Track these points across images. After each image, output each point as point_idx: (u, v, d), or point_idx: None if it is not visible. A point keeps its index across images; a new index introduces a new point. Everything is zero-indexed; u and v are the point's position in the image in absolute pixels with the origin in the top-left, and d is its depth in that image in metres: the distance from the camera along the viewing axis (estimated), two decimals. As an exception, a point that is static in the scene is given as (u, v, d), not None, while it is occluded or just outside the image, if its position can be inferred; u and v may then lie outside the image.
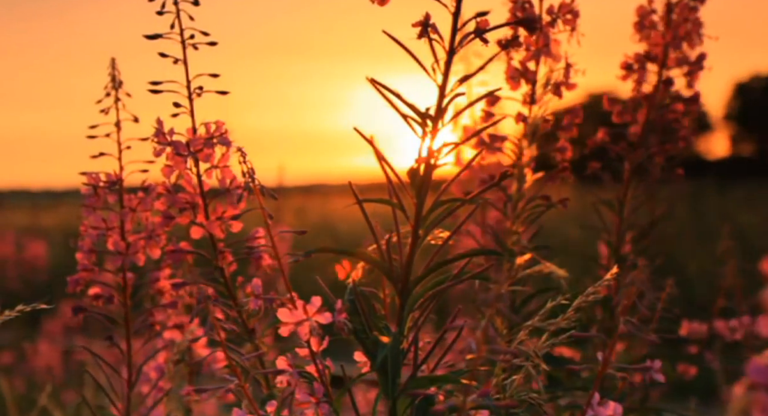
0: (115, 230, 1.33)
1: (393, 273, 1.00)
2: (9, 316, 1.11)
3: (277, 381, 1.04)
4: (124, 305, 1.38)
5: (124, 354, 1.39)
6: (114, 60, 1.39)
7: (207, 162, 1.27)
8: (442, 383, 1.02)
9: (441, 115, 0.96)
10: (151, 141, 1.27)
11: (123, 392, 1.40)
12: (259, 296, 1.06)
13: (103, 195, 1.34)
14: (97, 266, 1.36)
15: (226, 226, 1.27)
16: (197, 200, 1.26)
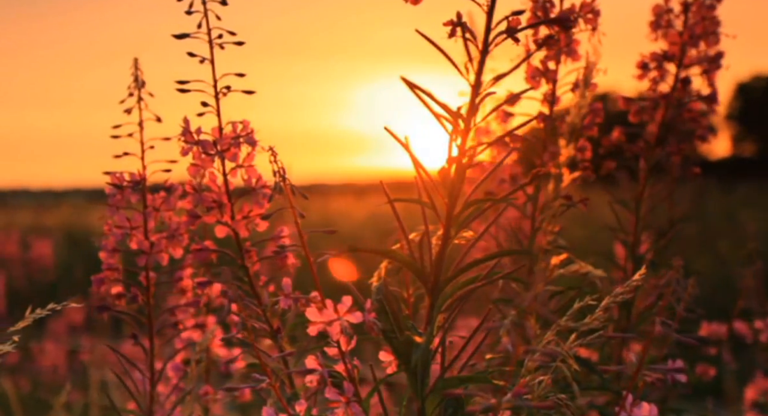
0: (139, 230, 1.33)
1: (423, 273, 1.00)
2: (40, 314, 1.11)
3: (307, 381, 1.05)
4: (147, 304, 1.38)
5: (147, 353, 1.39)
6: (137, 60, 1.40)
7: (233, 161, 1.27)
8: (472, 383, 1.02)
9: (474, 114, 0.96)
10: (178, 140, 1.27)
11: (145, 391, 1.41)
12: (289, 296, 1.07)
13: (126, 195, 1.34)
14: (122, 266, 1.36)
15: (252, 225, 1.28)
16: (223, 199, 1.26)
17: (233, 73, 1.30)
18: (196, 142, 1.27)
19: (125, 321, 1.41)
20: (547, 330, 0.91)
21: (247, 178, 1.28)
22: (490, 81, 0.97)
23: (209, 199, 1.26)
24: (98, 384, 3.57)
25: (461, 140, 0.96)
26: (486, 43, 0.96)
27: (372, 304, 1.05)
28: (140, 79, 1.39)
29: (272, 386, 1.05)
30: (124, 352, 3.74)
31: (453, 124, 0.97)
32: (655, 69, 1.49)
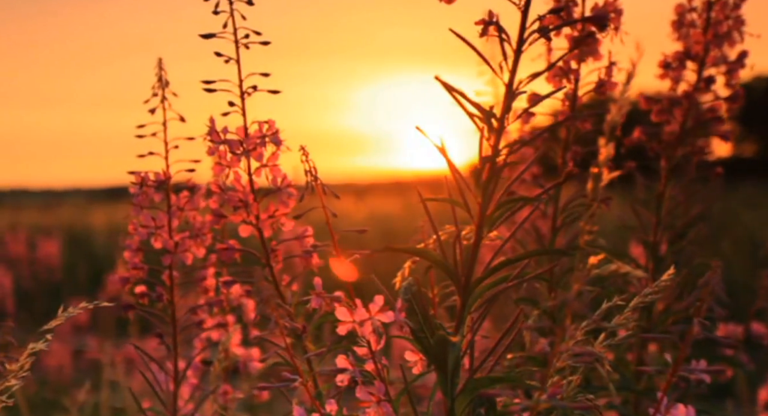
0: (164, 229, 1.34)
1: (455, 273, 1.01)
2: (71, 313, 1.11)
3: (338, 380, 1.05)
4: (171, 303, 1.38)
5: (171, 352, 1.40)
6: (161, 60, 1.40)
7: (258, 161, 1.28)
8: (503, 383, 1.02)
9: (507, 113, 0.96)
10: (203, 140, 1.28)
11: (168, 390, 1.41)
12: (320, 295, 1.07)
13: (150, 194, 1.35)
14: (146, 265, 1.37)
15: (278, 225, 1.28)
16: (249, 198, 1.27)
17: (258, 73, 1.30)
18: (222, 141, 1.27)
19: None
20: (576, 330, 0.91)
21: (272, 177, 1.29)
22: (525, 80, 0.97)
23: (236, 198, 1.26)
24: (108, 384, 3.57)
25: (495, 140, 0.96)
26: (520, 42, 0.96)
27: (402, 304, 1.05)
28: (164, 78, 1.39)
29: (305, 385, 1.05)
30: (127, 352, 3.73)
31: (485, 123, 0.97)
32: (678, 68, 1.49)
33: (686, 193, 1.53)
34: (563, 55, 1.03)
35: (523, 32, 0.96)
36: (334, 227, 1.25)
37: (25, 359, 1.07)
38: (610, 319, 1.03)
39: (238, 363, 1.69)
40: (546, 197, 1.22)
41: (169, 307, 1.39)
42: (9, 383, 1.05)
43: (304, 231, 1.32)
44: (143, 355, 1.37)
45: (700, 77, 1.49)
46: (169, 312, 1.39)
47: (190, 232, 1.37)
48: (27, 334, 4.58)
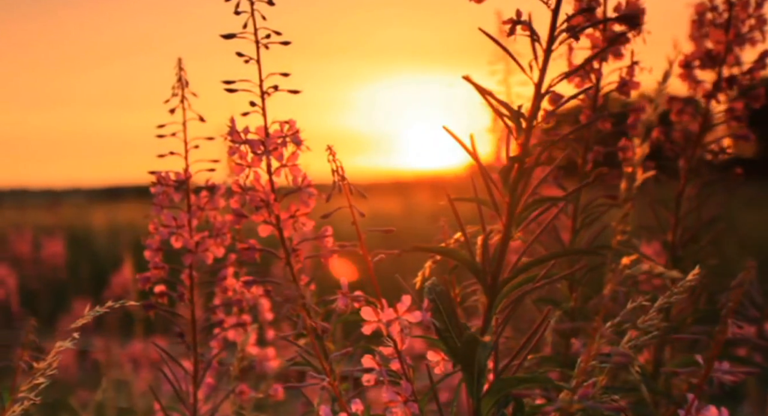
0: (185, 229, 1.34)
1: (483, 273, 1.00)
2: (98, 312, 1.11)
3: (364, 380, 1.05)
4: (191, 303, 1.38)
5: (191, 352, 1.39)
6: (180, 60, 1.40)
7: (278, 161, 1.27)
8: (530, 384, 1.02)
9: (537, 113, 0.96)
10: (224, 140, 1.28)
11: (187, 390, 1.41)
12: (346, 295, 1.07)
13: (171, 193, 1.35)
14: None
15: (299, 225, 1.28)
16: (270, 198, 1.26)
17: (278, 73, 1.30)
18: (243, 141, 1.27)
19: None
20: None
21: (293, 177, 1.28)
22: (555, 79, 0.97)
23: (257, 198, 1.26)
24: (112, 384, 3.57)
25: (524, 139, 0.96)
26: (550, 42, 0.96)
27: (427, 304, 1.05)
28: (184, 78, 1.39)
29: (333, 384, 1.05)
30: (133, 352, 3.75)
31: (514, 123, 0.97)
32: (698, 68, 1.48)
33: (705, 193, 1.52)
34: (596, 54, 1.03)
35: (553, 31, 0.96)
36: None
37: (53, 357, 1.07)
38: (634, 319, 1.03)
39: (253, 363, 1.69)
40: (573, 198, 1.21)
41: (189, 306, 1.38)
42: (37, 381, 1.05)
43: (324, 231, 1.32)
44: (163, 355, 1.36)
45: (720, 77, 1.49)
46: (189, 312, 1.39)
47: (209, 231, 1.37)
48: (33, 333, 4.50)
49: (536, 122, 0.96)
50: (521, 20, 0.99)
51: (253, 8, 1.28)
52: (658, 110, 1.00)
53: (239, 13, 1.27)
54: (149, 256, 1.35)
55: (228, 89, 1.28)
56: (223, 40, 1.29)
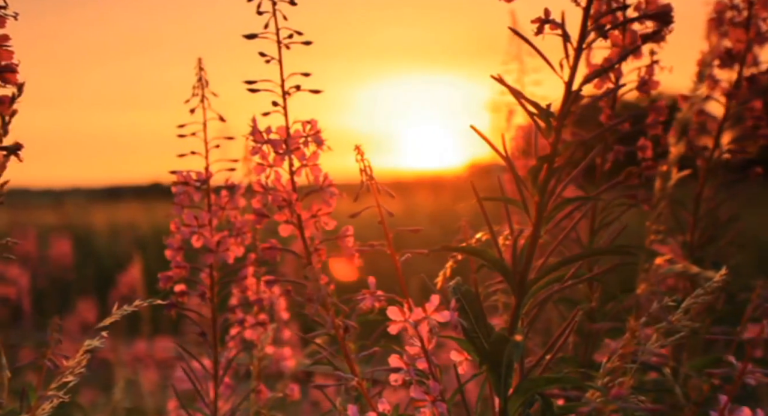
0: (206, 228, 1.34)
1: (512, 273, 1.00)
2: (127, 311, 1.11)
3: (392, 380, 1.05)
4: (212, 302, 1.38)
5: (212, 351, 1.40)
6: (200, 60, 1.40)
7: (300, 161, 1.28)
8: (558, 384, 1.02)
9: (567, 111, 0.96)
10: (246, 139, 1.28)
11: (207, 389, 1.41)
12: (373, 294, 1.07)
13: (192, 193, 1.35)
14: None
15: (320, 224, 1.28)
16: (293, 197, 1.26)
17: (300, 73, 1.30)
18: (265, 141, 1.27)
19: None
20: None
21: (315, 176, 1.28)
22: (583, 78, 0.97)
23: (280, 198, 1.26)
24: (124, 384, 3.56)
25: (554, 139, 0.96)
26: (581, 41, 0.96)
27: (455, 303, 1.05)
28: (204, 78, 1.39)
29: (360, 384, 1.05)
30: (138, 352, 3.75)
31: (544, 122, 0.97)
32: (718, 67, 1.48)
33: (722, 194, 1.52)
34: (627, 52, 1.03)
35: (585, 30, 0.96)
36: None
37: (82, 355, 1.07)
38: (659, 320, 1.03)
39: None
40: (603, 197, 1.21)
41: (209, 306, 1.38)
42: (66, 379, 1.06)
43: (345, 231, 1.32)
44: (184, 354, 1.36)
45: (740, 76, 1.48)
46: (209, 311, 1.39)
47: (229, 231, 1.37)
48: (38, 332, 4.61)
49: (567, 120, 0.96)
50: (549, 19, 0.99)
51: (274, 8, 1.28)
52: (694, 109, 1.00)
53: (261, 13, 1.28)
54: (170, 255, 1.35)
55: (250, 89, 1.28)
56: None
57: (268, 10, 1.28)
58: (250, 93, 1.31)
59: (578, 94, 1.27)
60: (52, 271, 4.83)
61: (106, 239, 9.49)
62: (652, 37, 0.99)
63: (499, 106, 2.24)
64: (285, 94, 1.30)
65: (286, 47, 1.30)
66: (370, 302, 1.06)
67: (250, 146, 1.27)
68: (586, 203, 0.98)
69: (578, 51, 0.96)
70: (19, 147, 1.00)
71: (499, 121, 2.25)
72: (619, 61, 1.03)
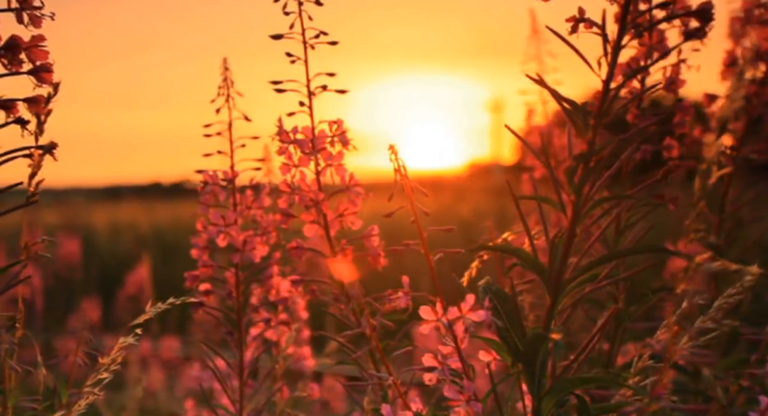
0: (233, 227, 1.33)
1: (548, 273, 1.00)
2: (160, 308, 1.11)
3: (426, 379, 1.04)
4: (238, 301, 1.38)
5: (237, 351, 1.39)
6: (225, 60, 1.40)
7: (326, 161, 1.27)
8: (594, 384, 1.02)
9: (605, 110, 0.96)
10: (272, 139, 1.27)
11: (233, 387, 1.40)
12: (408, 294, 1.06)
13: (217, 192, 1.35)
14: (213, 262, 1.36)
15: (347, 224, 1.28)
16: (320, 197, 1.26)
17: (325, 73, 1.30)
18: (292, 141, 1.27)
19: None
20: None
21: (341, 176, 1.28)
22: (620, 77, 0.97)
23: (307, 198, 1.26)
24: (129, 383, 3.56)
25: (591, 137, 0.96)
26: (619, 39, 0.96)
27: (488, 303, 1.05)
28: (229, 78, 1.39)
29: (395, 383, 1.05)
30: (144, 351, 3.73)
31: (580, 121, 0.96)
32: (744, 66, 1.48)
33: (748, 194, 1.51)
34: (674, 47, 1.02)
35: (623, 29, 0.95)
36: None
37: (117, 353, 1.07)
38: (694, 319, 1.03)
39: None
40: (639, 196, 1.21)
41: (235, 305, 1.38)
42: (102, 375, 1.06)
43: (370, 230, 1.32)
44: (209, 352, 1.36)
45: (766, 75, 1.48)
46: (235, 310, 1.39)
47: (254, 230, 1.36)
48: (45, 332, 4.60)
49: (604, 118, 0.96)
50: (584, 18, 0.99)
51: (300, 9, 1.28)
52: (734, 106, 1.00)
53: (288, 13, 1.28)
54: (197, 254, 1.35)
55: (276, 89, 1.28)
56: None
57: (294, 10, 1.28)
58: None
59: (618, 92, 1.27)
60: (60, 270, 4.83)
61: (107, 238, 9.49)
62: (695, 35, 0.98)
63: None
64: (311, 95, 1.30)
65: (311, 47, 1.30)
66: (405, 302, 1.05)
67: (277, 146, 1.27)
68: (622, 202, 0.98)
69: (616, 49, 0.96)
70: (54, 146, 1.00)
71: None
72: (660, 59, 1.02)
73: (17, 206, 1.05)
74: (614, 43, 0.95)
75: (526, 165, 2.17)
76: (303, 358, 1.73)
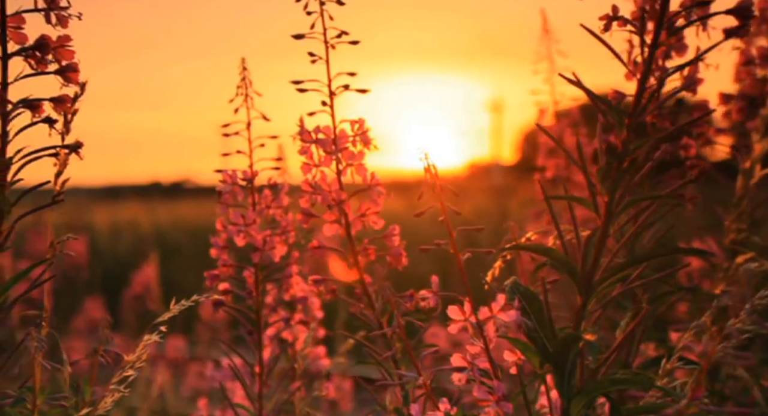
0: (253, 227, 1.33)
1: (579, 273, 1.00)
2: (183, 306, 1.10)
3: (455, 379, 1.04)
4: (257, 300, 1.37)
5: (257, 350, 1.39)
6: (244, 59, 1.39)
7: (348, 160, 1.27)
8: (625, 385, 1.01)
9: (641, 109, 0.95)
10: (293, 139, 1.27)
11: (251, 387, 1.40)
12: (436, 293, 1.06)
13: (237, 192, 1.34)
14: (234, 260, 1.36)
15: (368, 223, 1.28)
16: (342, 196, 1.26)
17: (346, 73, 1.30)
18: (314, 141, 1.26)
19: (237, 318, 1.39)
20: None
21: (363, 176, 1.28)
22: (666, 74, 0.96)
23: (330, 197, 1.25)
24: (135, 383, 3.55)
25: (626, 137, 0.95)
26: (656, 37, 0.95)
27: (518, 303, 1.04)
28: (248, 78, 1.38)
29: (426, 384, 1.04)
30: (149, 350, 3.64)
31: (615, 120, 0.96)
32: (760, 66, 1.47)
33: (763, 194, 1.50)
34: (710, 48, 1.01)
35: (660, 26, 0.94)
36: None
37: (142, 350, 1.06)
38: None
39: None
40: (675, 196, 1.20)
41: (254, 304, 1.38)
42: (127, 373, 1.05)
43: (392, 230, 1.31)
44: (230, 352, 1.36)
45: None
46: (254, 309, 1.38)
47: (271, 230, 1.36)
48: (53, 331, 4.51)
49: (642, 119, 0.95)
50: (618, 16, 0.98)
51: (322, 9, 1.28)
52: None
53: (310, 13, 1.27)
54: (216, 254, 1.35)
55: (298, 89, 1.28)
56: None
57: (316, 10, 1.28)
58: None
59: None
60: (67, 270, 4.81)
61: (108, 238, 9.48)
62: (737, 33, 0.97)
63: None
64: (332, 94, 1.29)
65: (332, 47, 1.30)
66: (433, 302, 1.05)
67: (297, 146, 1.27)
68: (656, 202, 0.97)
69: (653, 47, 0.95)
70: (79, 145, 1.00)
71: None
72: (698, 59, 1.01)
73: (43, 206, 1.05)
74: (651, 41, 0.94)
75: (537, 165, 2.17)
76: (318, 358, 1.73)
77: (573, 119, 2.15)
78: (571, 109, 2.13)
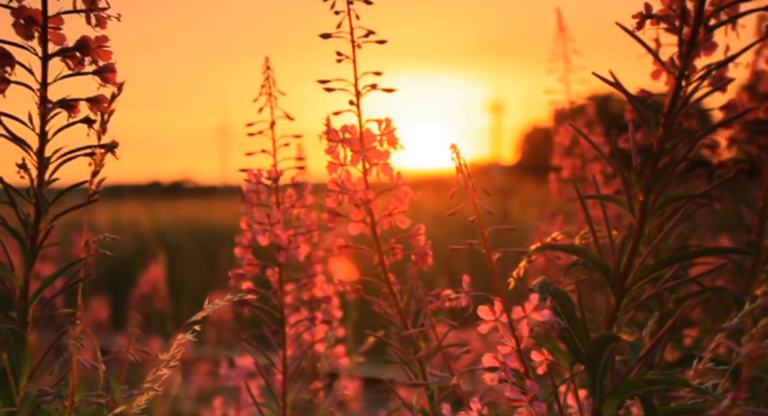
0: (278, 226, 1.32)
1: (614, 273, 0.99)
2: (217, 305, 1.10)
3: (487, 379, 1.03)
4: (281, 300, 1.37)
5: (281, 349, 1.38)
6: (267, 58, 1.39)
7: (375, 159, 1.26)
8: (659, 386, 1.01)
9: (678, 108, 0.95)
10: (320, 138, 1.27)
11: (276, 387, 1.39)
12: (468, 293, 1.05)
13: (262, 191, 1.34)
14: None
15: (395, 222, 1.27)
16: (370, 195, 1.25)
17: (372, 72, 1.29)
18: (341, 140, 1.26)
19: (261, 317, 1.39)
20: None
21: (387, 176, 1.27)
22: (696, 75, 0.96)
23: (357, 197, 1.25)
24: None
25: (661, 136, 0.95)
26: (693, 36, 0.95)
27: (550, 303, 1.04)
28: (271, 77, 1.38)
29: (459, 385, 1.04)
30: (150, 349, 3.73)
31: (651, 119, 0.96)
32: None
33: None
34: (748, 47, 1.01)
35: (698, 24, 0.94)
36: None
37: (176, 349, 1.06)
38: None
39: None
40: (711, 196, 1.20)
41: (278, 303, 1.37)
42: (161, 372, 1.05)
43: (418, 229, 1.31)
44: (254, 353, 1.35)
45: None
46: (278, 308, 1.38)
47: (295, 230, 1.35)
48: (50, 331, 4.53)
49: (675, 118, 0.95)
50: (651, 14, 0.98)
51: (349, 8, 1.27)
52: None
53: (338, 12, 1.27)
54: (240, 253, 1.34)
55: (326, 89, 1.27)
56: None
57: (343, 9, 1.28)
58: (330, 92, 1.30)
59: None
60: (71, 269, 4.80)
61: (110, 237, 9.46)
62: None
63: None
64: (358, 94, 1.29)
65: (358, 46, 1.29)
66: (465, 301, 1.04)
67: (325, 145, 1.26)
68: (691, 201, 0.97)
69: (690, 46, 0.95)
70: (115, 145, 1.00)
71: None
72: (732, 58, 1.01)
73: (78, 205, 1.05)
74: (688, 40, 0.94)
75: (554, 165, 2.16)
76: (337, 357, 1.72)
77: (588, 118, 2.15)
78: (588, 107, 2.13)
